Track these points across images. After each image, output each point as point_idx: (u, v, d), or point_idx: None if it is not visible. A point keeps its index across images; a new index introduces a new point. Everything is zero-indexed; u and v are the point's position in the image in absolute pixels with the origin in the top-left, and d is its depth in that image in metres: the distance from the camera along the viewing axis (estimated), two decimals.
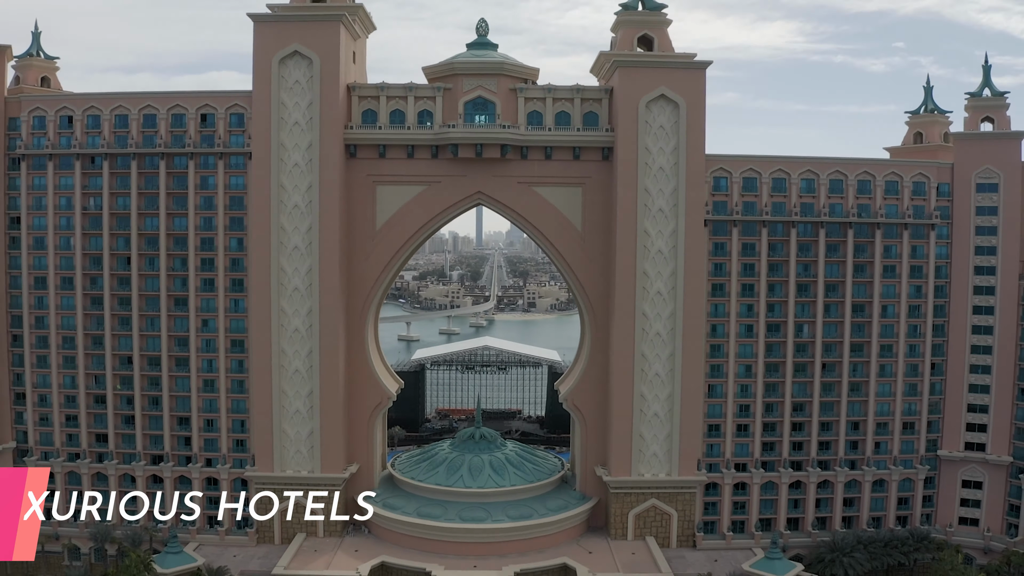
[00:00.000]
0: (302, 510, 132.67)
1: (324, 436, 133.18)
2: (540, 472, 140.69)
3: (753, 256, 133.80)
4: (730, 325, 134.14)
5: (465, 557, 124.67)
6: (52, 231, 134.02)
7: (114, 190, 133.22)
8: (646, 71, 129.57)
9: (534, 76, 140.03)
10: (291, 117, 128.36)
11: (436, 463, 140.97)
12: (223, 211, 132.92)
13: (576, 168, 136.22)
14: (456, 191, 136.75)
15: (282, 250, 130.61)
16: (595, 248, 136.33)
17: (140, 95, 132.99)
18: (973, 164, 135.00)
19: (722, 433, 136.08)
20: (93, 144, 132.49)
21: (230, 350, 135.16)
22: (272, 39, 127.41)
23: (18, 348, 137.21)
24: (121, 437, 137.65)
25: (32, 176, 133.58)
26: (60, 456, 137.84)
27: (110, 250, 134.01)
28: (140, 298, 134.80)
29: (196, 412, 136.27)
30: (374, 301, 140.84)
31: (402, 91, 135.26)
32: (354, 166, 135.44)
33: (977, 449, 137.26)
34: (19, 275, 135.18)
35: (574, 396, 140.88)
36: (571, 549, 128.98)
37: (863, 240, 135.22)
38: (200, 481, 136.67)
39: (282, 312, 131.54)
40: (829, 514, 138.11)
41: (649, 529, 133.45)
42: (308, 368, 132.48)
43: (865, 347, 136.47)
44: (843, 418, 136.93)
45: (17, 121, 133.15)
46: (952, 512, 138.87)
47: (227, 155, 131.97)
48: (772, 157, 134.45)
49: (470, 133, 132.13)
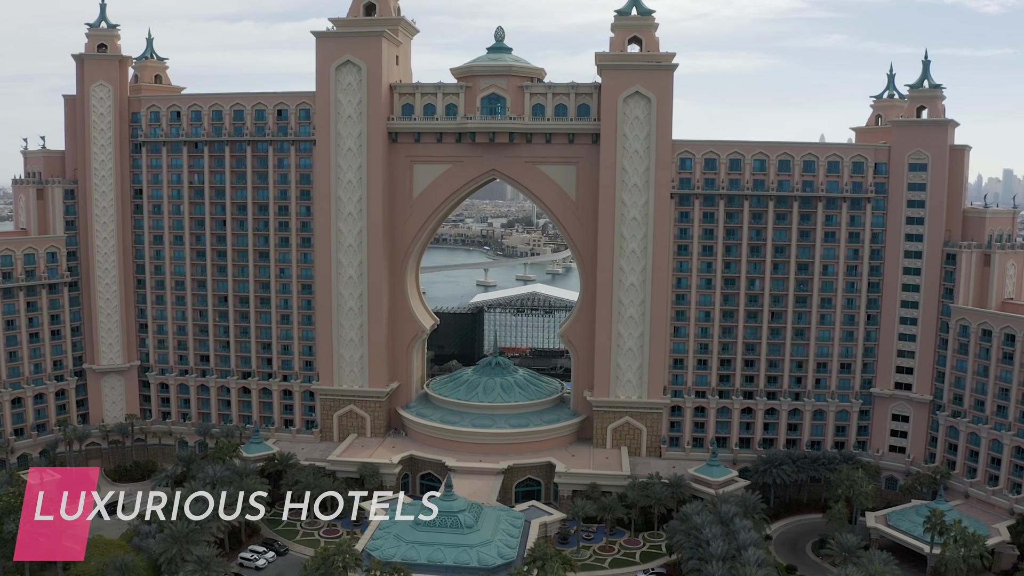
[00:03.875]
0: (355, 416, 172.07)
1: (371, 359, 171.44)
2: (541, 392, 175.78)
3: (712, 223, 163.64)
4: (692, 279, 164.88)
5: (474, 454, 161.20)
6: (166, 201, 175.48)
7: (212, 169, 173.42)
8: (624, 72, 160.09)
9: (540, 75, 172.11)
10: (345, 112, 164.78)
11: (459, 383, 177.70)
12: (295, 185, 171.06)
13: (571, 150, 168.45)
14: (475, 168, 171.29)
15: (339, 215, 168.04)
16: (586, 214, 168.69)
17: (231, 95, 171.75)
18: (907, 147, 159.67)
19: (685, 366, 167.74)
20: (196, 133, 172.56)
21: (300, 292, 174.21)
22: (330, 51, 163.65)
23: (141, 290, 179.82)
24: (219, 358, 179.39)
25: (150, 158, 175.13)
26: (173, 372, 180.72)
27: (210, 215, 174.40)
28: (233, 252, 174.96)
29: (275, 339, 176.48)
30: (412, 255, 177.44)
31: (433, 89, 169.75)
32: (395, 149, 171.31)
33: (905, 388, 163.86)
34: (141, 234, 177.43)
35: (569, 333, 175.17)
36: (559, 452, 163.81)
37: (807, 211, 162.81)
38: (278, 392, 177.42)
39: (339, 263, 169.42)
40: (775, 436, 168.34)
41: (624, 441, 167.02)
42: (359, 306, 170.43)
43: (808, 299, 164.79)
44: (787, 358, 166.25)
45: (138, 115, 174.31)
46: (884, 440, 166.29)
47: (297, 142, 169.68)
48: (728, 142, 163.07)
49: (485, 123, 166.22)
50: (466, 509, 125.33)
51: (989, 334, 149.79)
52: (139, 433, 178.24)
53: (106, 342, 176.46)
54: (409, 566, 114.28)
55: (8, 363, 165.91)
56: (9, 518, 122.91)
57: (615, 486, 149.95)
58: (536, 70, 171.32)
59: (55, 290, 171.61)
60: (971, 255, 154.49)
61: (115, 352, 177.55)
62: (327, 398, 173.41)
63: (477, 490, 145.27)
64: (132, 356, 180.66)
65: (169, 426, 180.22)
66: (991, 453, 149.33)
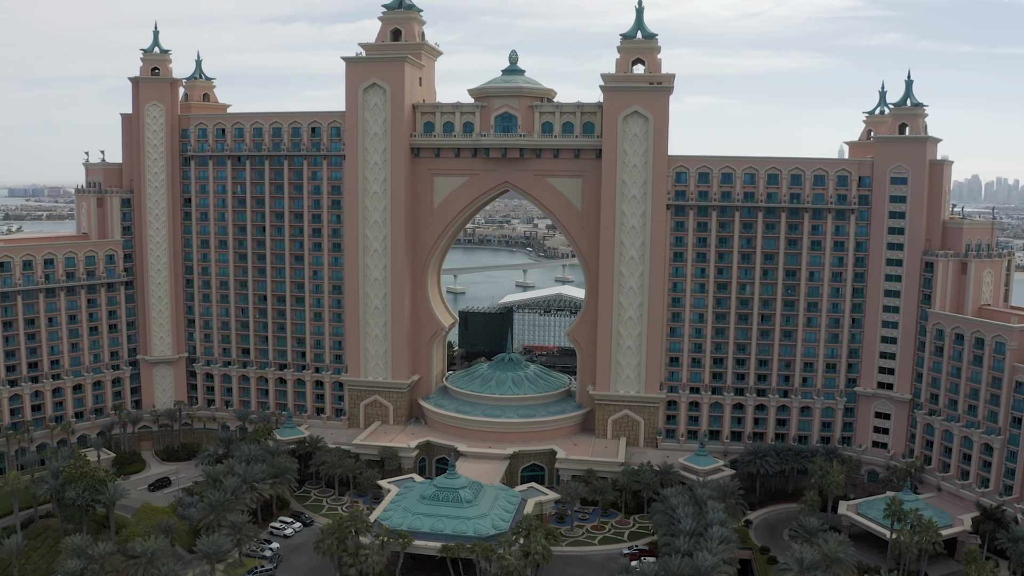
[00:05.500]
0: (379, 405, 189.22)
1: (394, 353, 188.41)
2: (548, 386, 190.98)
3: (705, 232, 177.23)
4: (686, 283, 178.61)
5: (485, 441, 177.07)
6: (212, 209, 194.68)
7: (253, 181, 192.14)
8: (624, 93, 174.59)
9: (550, 95, 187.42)
10: (371, 129, 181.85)
11: (474, 377, 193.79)
12: (327, 196, 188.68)
13: (577, 164, 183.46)
14: (489, 181, 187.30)
15: (366, 223, 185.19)
16: (590, 223, 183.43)
17: (270, 114, 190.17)
18: (889, 162, 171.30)
19: (680, 363, 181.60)
20: (239, 148, 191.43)
21: (331, 292, 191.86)
22: (358, 74, 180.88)
23: (189, 289, 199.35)
24: (258, 351, 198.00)
25: (198, 171, 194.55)
26: (217, 363, 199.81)
27: (251, 222, 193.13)
28: (271, 255, 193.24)
29: (309, 335, 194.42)
30: (433, 259, 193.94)
31: (451, 108, 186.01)
32: (417, 163, 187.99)
33: (887, 388, 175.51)
34: (190, 238, 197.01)
35: (575, 333, 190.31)
36: (563, 441, 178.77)
37: (795, 221, 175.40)
38: (311, 382, 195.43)
39: (366, 266, 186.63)
40: (764, 430, 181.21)
41: (623, 432, 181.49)
42: (384, 305, 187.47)
43: (795, 303, 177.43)
44: (776, 357, 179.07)
45: (187, 132, 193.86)
46: (867, 436, 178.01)
47: (329, 156, 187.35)
48: (720, 157, 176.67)
49: (498, 140, 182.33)
50: (467, 486, 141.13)
51: (961, 338, 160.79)
52: (186, 417, 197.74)
53: (157, 336, 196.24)
54: (413, 533, 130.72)
55: (71, 353, 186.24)
56: (71, 486, 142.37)
57: (610, 472, 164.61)
58: (545, 91, 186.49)
59: (113, 288, 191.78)
60: (947, 263, 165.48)
61: (165, 345, 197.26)
62: (354, 388, 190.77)
63: (484, 472, 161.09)
64: (181, 348, 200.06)
65: (213, 412, 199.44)
66: (962, 449, 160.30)
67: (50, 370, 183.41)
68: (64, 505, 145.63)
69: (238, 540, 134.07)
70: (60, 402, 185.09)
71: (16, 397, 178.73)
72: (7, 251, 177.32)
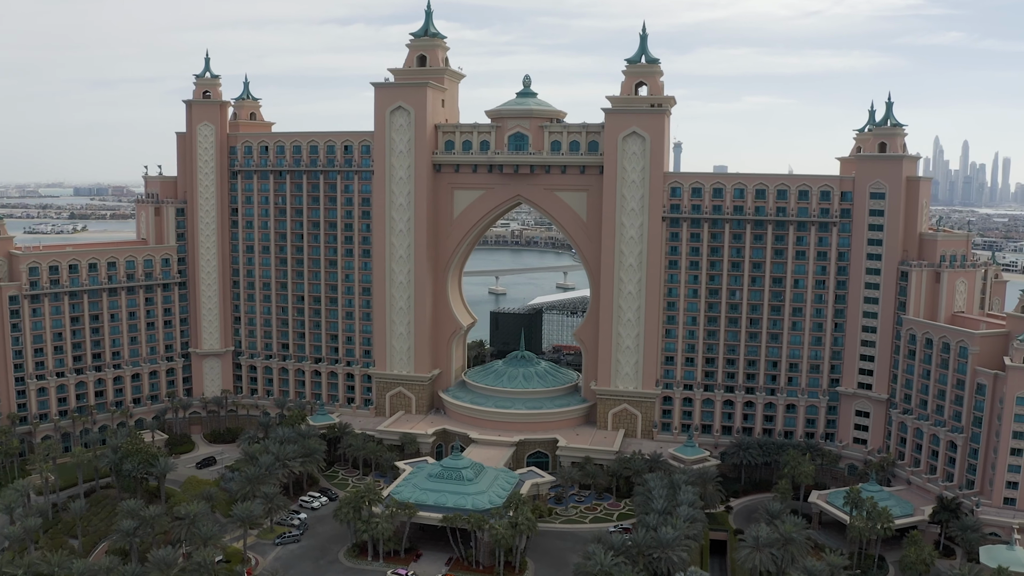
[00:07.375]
0: (403, 396, 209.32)
1: (417, 350, 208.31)
2: (556, 382, 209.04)
3: (698, 242, 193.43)
4: (680, 289, 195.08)
5: (495, 430, 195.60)
6: (257, 218, 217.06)
7: (293, 193, 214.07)
8: (623, 115, 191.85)
9: (560, 116, 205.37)
10: (397, 148, 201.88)
11: (489, 372, 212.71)
12: (358, 206, 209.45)
13: (582, 179, 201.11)
14: (503, 194, 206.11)
15: (392, 231, 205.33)
16: (594, 233, 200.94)
17: (308, 133, 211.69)
18: (869, 178, 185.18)
19: (674, 362, 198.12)
20: (280, 164, 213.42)
21: (361, 293, 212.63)
22: (385, 98, 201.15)
23: (236, 289, 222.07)
24: (296, 346, 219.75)
25: (244, 183, 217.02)
26: (259, 356, 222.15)
27: (291, 230, 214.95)
28: (308, 260, 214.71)
29: (341, 331, 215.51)
30: (453, 264, 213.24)
31: (470, 128, 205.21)
32: (439, 178, 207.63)
33: (866, 388, 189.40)
34: (236, 244, 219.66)
35: (580, 333, 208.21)
36: (566, 432, 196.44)
37: (781, 232, 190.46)
38: (342, 374, 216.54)
39: (392, 270, 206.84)
40: (752, 425, 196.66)
41: (622, 424, 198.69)
42: (408, 306, 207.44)
43: (781, 308, 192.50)
44: (763, 358, 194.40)
45: (235, 149, 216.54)
46: (848, 433, 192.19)
47: (360, 172, 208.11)
48: (711, 173, 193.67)
49: (511, 157, 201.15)
50: (469, 467, 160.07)
51: (931, 342, 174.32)
52: (231, 404, 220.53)
53: (207, 331, 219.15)
54: (419, 506, 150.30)
55: (129, 346, 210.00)
56: (127, 460, 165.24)
57: (605, 459, 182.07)
58: (555, 112, 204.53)
59: (168, 289, 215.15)
60: (921, 273, 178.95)
61: (214, 339, 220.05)
62: (381, 381, 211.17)
63: (491, 457, 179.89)
64: (227, 343, 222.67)
65: (255, 400, 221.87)
66: (931, 446, 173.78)
67: (111, 361, 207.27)
68: (121, 476, 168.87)
69: (269, 509, 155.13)
70: (120, 389, 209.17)
71: (81, 384, 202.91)
72: (75, 255, 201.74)
